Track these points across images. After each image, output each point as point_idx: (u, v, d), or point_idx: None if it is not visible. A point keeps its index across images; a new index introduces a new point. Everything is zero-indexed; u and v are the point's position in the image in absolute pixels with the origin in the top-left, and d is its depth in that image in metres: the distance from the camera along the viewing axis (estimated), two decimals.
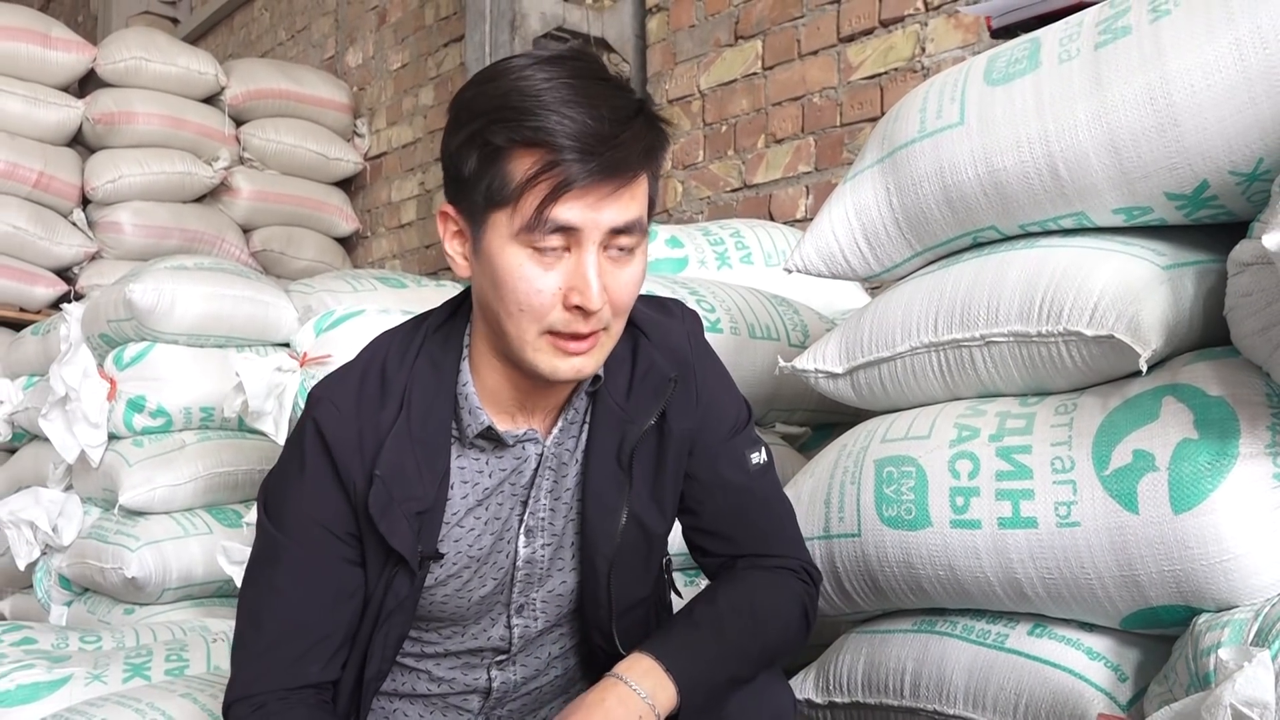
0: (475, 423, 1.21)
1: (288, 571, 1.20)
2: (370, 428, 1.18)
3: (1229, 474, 1.14)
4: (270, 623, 1.20)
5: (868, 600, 1.49)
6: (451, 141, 1.13)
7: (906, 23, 3.00)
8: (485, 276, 1.13)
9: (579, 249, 1.09)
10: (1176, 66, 1.20)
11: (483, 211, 1.10)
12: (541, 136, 1.05)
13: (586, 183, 1.06)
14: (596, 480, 1.25)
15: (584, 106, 1.07)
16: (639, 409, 1.25)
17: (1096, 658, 1.28)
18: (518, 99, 1.07)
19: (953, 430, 1.38)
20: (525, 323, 1.11)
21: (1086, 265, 1.29)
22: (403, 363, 1.21)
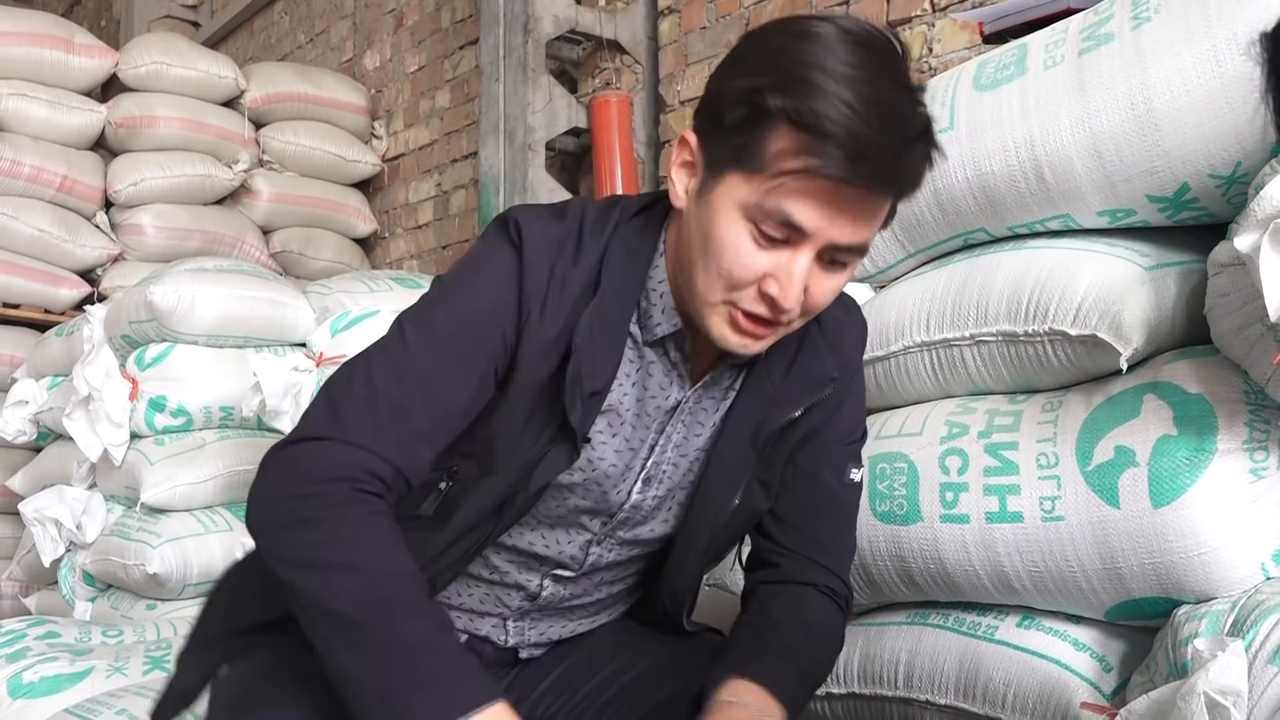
0: (668, 322, 1.17)
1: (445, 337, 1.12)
2: (562, 275, 1.13)
3: (1206, 469, 1.17)
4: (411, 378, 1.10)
5: (863, 594, 1.52)
6: (728, 79, 1.07)
7: (914, 24, 3.02)
8: (700, 225, 1.09)
9: (797, 248, 1.05)
10: (1157, 72, 1.24)
11: (725, 164, 1.06)
12: (817, 121, 0.98)
13: (838, 188, 1.01)
14: (727, 451, 1.23)
15: (875, 108, 0.99)
16: (790, 396, 1.23)
17: (1082, 649, 1.32)
18: (814, 73, 0.99)
19: (944, 427, 1.42)
20: (717, 285, 1.08)
21: (1071, 266, 1.33)
22: (599, 233, 1.15)
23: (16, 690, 1.96)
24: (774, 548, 1.30)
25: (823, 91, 0.98)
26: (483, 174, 3.95)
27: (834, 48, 1.00)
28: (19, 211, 4.26)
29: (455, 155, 4.86)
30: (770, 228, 1.04)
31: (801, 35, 1.02)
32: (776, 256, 1.05)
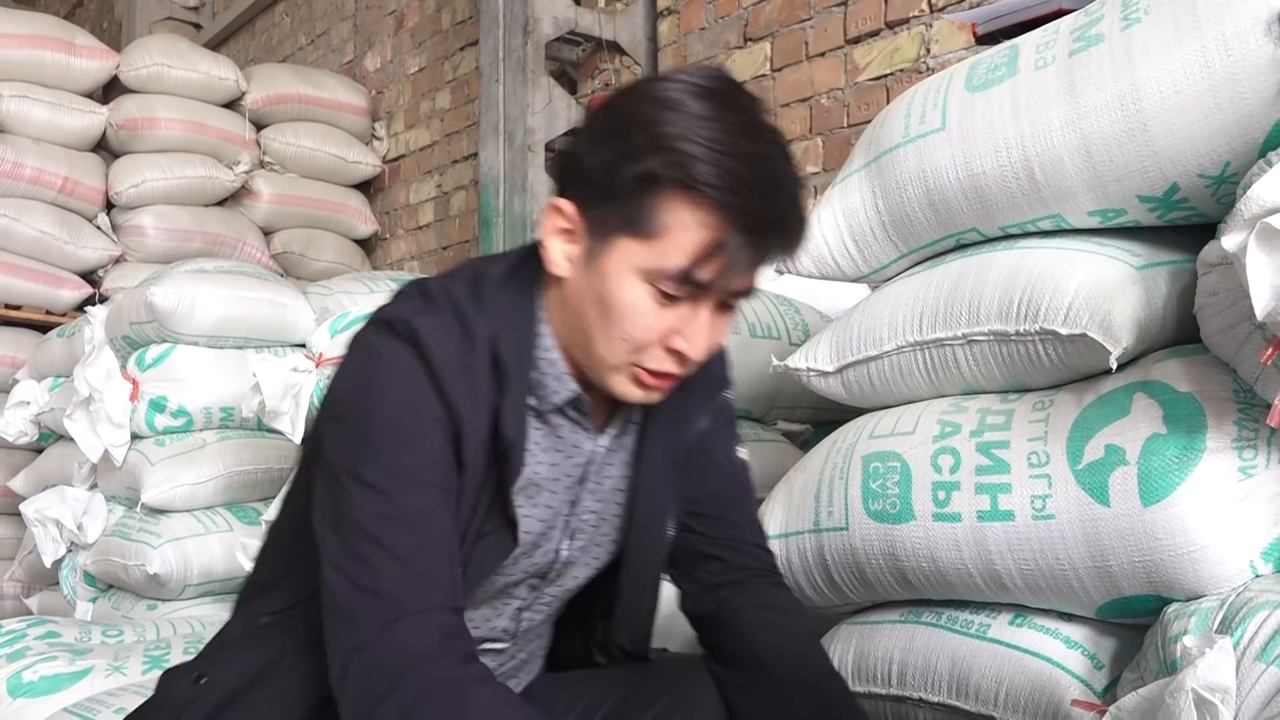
0: (564, 389, 1.17)
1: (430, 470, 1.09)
2: (469, 371, 1.10)
3: (1195, 468, 1.18)
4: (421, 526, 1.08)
5: (856, 592, 1.53)
6: (605, 150, 1.08)
7: (912, 24, 3.03)
8: (591, 291, 1.10)
9: (698, 302, 1.08)
10: (1146, 73, 1.24)
11: (614, 231, 1.07)
12: (718, 199, 1.03)
13: (744, 264, 1.06)
14: (650, 480, 1.25)
15: (766, 179, 1.05)
16: (694, 409, 1.26)
17: (1074, 646, 1.32)
18: (706, 151, 1.02)
19: (936, 426, 1.43)
20: (620, 349, 1.10)
21: (1063, 266, 1.33)
22: (482, 314, 1.13)
23: (16, 689, 1.97)
24: (700, 540, 1.33)
25: (719, 169, 1.02)
26: (482, 175, 3.96)
27: (710, 117, 1.04)
28: (20, 213, 4.28)
29: (455, 156, 4.87)
30: (670, 288, 1.06)
31: (674, 106, 1.05)
32: (678, 313, 1.08)
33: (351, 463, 1.09)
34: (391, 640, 1.03)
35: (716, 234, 1.04)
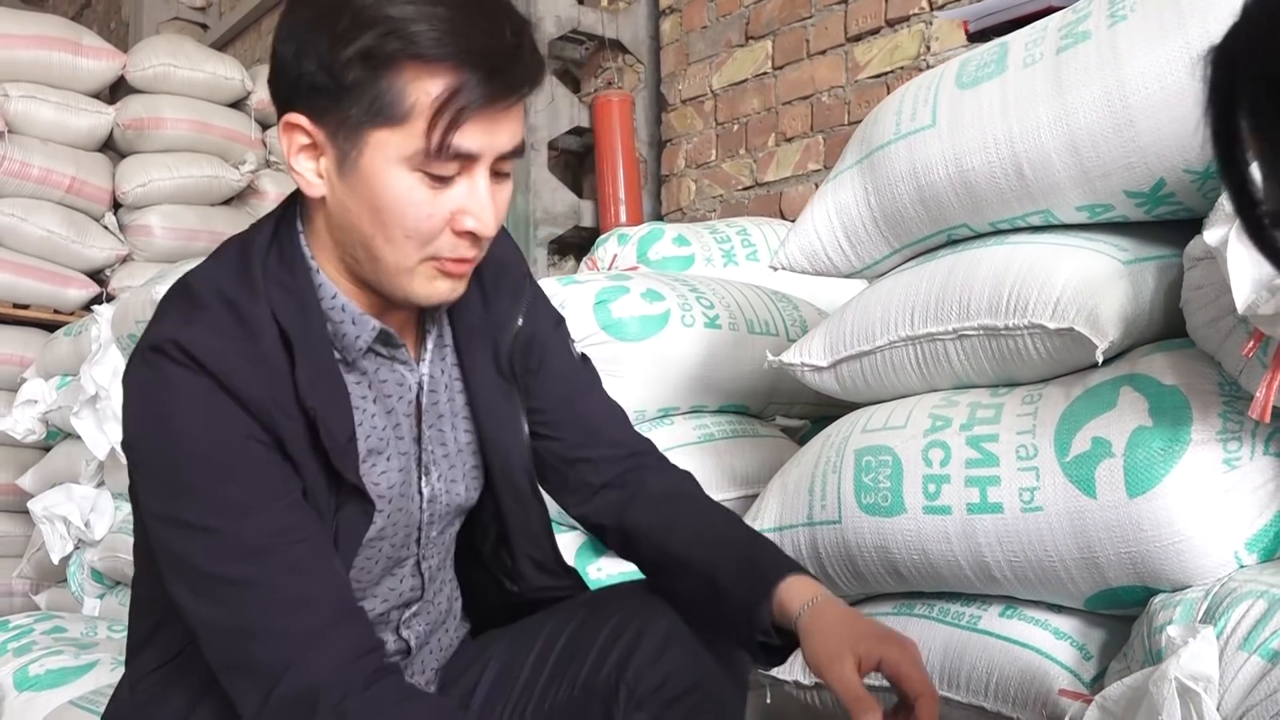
0: (364, 331, 1.12)
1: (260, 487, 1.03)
2: (259, 361, 1.05)
3: (1180, 460, 1.19)
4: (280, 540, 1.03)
5: (849, 585, 1.55)
6: (314, 43, 1.00)
7: (912, 22, 3.05)
8: (358, 199, 1.03)
9: (471, 174, 1.04)
10: (1132, 69, 1.25)
11: (360, 128, 1.01)
12: (445, 51, 0.98)
13: (488, 105, 1.00)
14: (486, 396, 1.22)
15: (481, 15, 1.00)
16: (504, 313, 1.22)
17: (1063, 637, 1.34)
18: (408, 8, 0.98)
19: (927, 420, 1.44)
20: (409, 249, 1.04)
21: (1051, 261, 1.35)
22: (254, 296, 1.07)
23: (22, 683, 2.00)
24: (561, 445, 1.29)
25: (429, 21, 0.98)
26: None
27: None
28: (28, 213, 4.30)
29: None
30: (440, 168, 1.02)
31: None
32: (455, 194, 1.03)
33: (173, 509, 1.03)
34: (289, 689, 0.98)
35: (456, 86, 0.99)
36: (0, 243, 4.29)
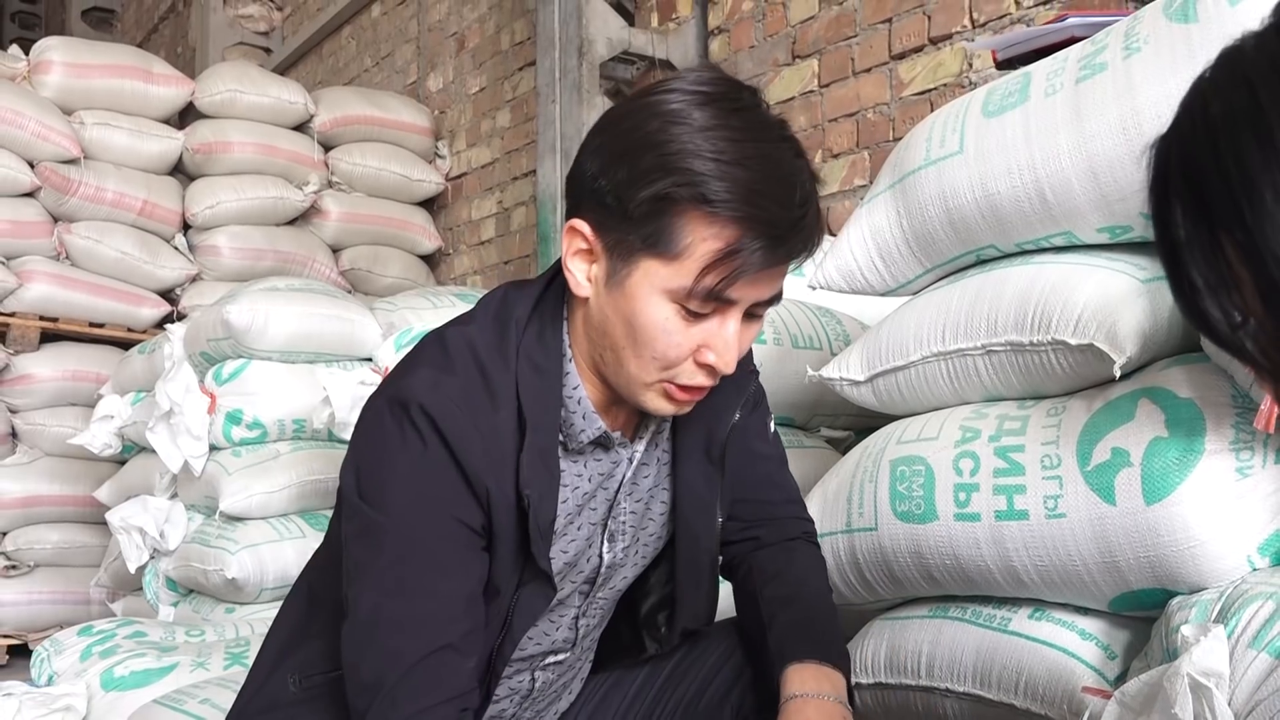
0: (590, 428, 1.20)
1: (440, 571, 1.13)
2: (491, 433, 1.13)
3: (1195, 468, 1.25)
4: (428, 626, 1.12)
5: (886, 589, 1.62)
6: (614, 170, 1.08)
7: (954, 40, 3.10)
8: (618, 312, 1.11)
9: (725, 315, 1.10)
10: (1146, 99, 1.32)
11: (635, 252, 1.08)
12: (734, 213, 1.04)
13: (764, 268, 1.07)
14: (690, 478, 1.30)
15: (778, 182, 1.06)
16: (724, 404, 1.28)
17: (1088, 638, 1.40)
18: (713, 165, 1.04)
19: (958, 432, 1.51)
20: (652, 368, 1.12)
21: (1073, 280, 1.41)
22: (505, 366, 1.16)
23: (109, 683, 2.12)
24: (745, 526, 1.40)
25: (727, 180, 1.03)
26: (540, 192, 4.08)
27: (712, 124, 1.05)
28: (103, 235, 4.49)
29: (515, 173, 5.01)
30: (697, 305, 1.08)
31: (677, 119, 1.06)
32: (706, 328, 1.10)
33: (365, 556, 1.14)
34: None
35: (736, 246, 1.05)
36: (77, 264, 4.47)
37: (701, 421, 1.29)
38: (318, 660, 1.28)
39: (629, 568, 1.35)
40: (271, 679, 1.32)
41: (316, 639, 1.29)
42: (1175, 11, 1.33)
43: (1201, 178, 0.57)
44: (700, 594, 1.37)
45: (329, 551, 1.31)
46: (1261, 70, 0.56)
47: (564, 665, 1.39)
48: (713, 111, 1.07)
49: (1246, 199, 0.53)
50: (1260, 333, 0.57)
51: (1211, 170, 0.56)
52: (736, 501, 1.40)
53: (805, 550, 1.42)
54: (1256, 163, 0.53)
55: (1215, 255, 0.57)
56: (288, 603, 1.39)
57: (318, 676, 1.28)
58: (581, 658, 1.42)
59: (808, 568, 1.39)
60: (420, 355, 1.20)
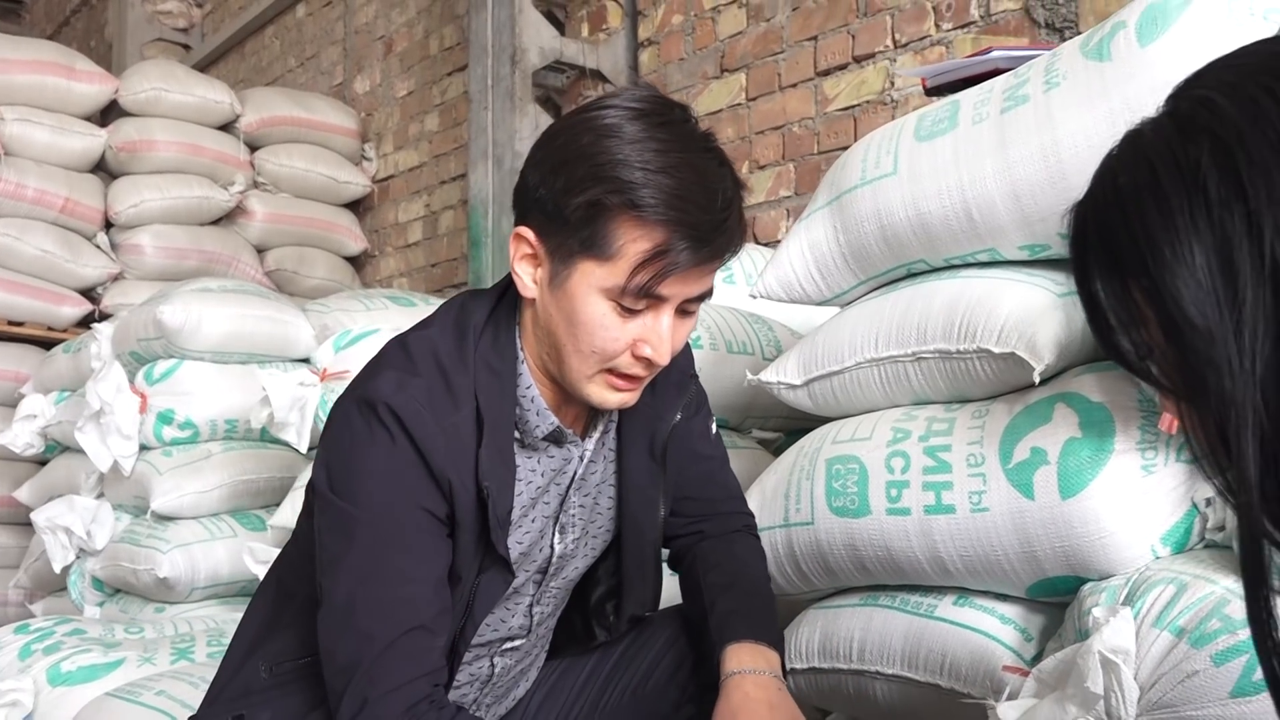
0: (544, 424, 1.30)
1: (410, 556, 1.21)
2: (452, 431, 1.22)
3: (1105, 466, 1.38)
4: (401, 608, 1.20)
5: (821, 580, 1.73)
6: (552, 182, 1.17)
7: (877, 59, 3.24)
8: (560, 311, 1.21)
9: (658, 310, 1.20)
10: (1064, 130, 1.45)
11: (574, 255, 1.18)
12: (661, 218, 1.13)
13: (690, 266, 1.17)
14: (635, 474, 1.40)
15: (700, 188, 1.15)
16: (666, 405, 1.39)
17: (1007, 622, 1.52)
18: (640, 173, 1.13)
19: (889, 432, 1.62)
20: (592, 361, 1.22)
21: (996, 293, 1.54)
22: (465, 369, 1.25)
23: (55, 679, 2.14)
24: (690, 521, 1.50)
25: (654, 187, 1.13)
26: (472, 197, 4.15)
27: (642, 138, 1.15)
28: (23, 232, 4.44)
29: (444, 177, 5.06)
30: (631, 302, 1.18)
31: (610, 132, 1.16)
32: (641, 323, 1.20)
33: (338, 546, 1.23)
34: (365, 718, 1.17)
35: (664, 247, 1.15)
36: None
37: (645, 422, 1.40)
38: (288, 649, 1.35)
39: (579, 559, 1.45)
40: (244, 668, 1.38)
41: (287, 629, 1.36)
42: (1091, 50, 1.46)
43: (1113, 237, 0.68)
44: (646, 583, 1.47)
45: (298, 547, 1.38)
46: (1159, 150, 0.68)
47: (520, 652, 1.47)
48: (642, 125, 1.17)
49: (1150, 253, 0.65)
50: (1163, 360, 0.68)
51: (1121, 231, 0.68)
52: (681, 499, 1.51)
53: (745, 541, 1.53)
54: (1156, 225, 0.64)
55: (1125, 298, 0.69)
56: (257, 597, 1.45)
57: (288, 664, 1.35)
58: (537, 645, 1.51)
59: (747, 557, 1.50)
60: (385, 359, 1.29)
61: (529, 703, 1.52)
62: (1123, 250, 0.68)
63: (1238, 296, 0.61)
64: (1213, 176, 0.64)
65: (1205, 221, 0.63)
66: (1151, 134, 0.71)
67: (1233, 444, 0.62)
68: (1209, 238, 0.63)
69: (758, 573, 1.49)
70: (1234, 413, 0.61)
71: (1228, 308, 0.62)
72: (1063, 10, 2.73)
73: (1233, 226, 0.62)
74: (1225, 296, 0.62)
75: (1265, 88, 0.65)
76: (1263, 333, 0.61)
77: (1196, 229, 0.64)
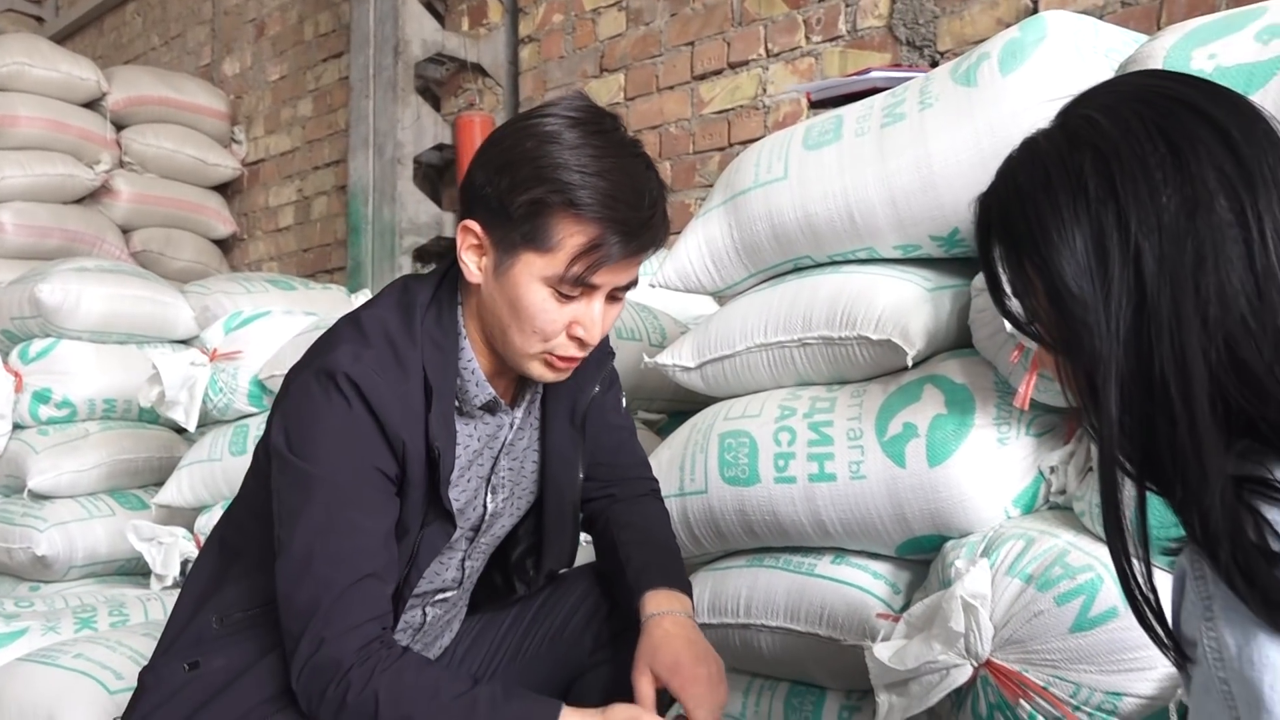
0: (482, 394, 1.43)
1: (363, 510, 1.32)
2: (404, 398, 1.34)
3: (967, 438, 1.59)
4: (355, 557, 1.31)
5: (712, 544, 1.90)
6: (498, 182, 1.30)
7: (750, 66, 3.44)
8: (504, 297, 1.34)
9: (591, 297, 1.34)
10: (935, 145, 1.65)
11: (517, 247, 1.31)
12: (596, 215, 1.27)
13: (621, 259, 1.31)
14: (557, 441, 1.54)
15: (630, 190, 1.29)
16: (586, 379, 1.53)
17: (879, 577, 1.72)
18: (578, 175, 1.27)
19: (777, 410, 1.81)
20: (533, 341, 1.35)
21: (874, 287, 1.73)
22: (412, 343, 1.37)
23: None
24: (602, 485, 1.65)
25: (590, 189, 1.27)
26: (352, 184, 4.20)
27: (579, 144, 1.29)
28: None
29: (317, 163, 5.08)
30: (568, 289, 1.32)
31: (551, 140, 1.29)
32: (575, 308, 1.34)
33: (297, 502, 1.33)
34: (320, 658, 1.28)
35: (598, 241, 1.28)
36: None
37: (567, 394, 1.55)
38: (239, 601, 1.45)
39: (507, 517, 1.59)
40: (195, 620, 1.47)
41: (236, 583, 1.46)
42: (960, 76, 1.67)
43: (1012, 223, 0.86)
44: (564, 539, 1.62)
45: (247, 507, 1.48)
46: (1051, 156, 0.86)
47: (449, 603, 1.61)
48: (579, 132, 1.31)
49: (1041, 236, 0.83)
50: (1046, 321, 0.86)
51: (1019, 219, 0.85)
52: (595, 465, 1.66)
53: (653, 504, 1.69)
54: (1047, 214, 0.82)
55: (1020, 271, 0.87)
56: (202, 557, 1.55)
57: (238, 614, 1.45)
58: (463, 597, 1.64)
59: (657, 517, 1.66)
60: (339, 334, 1.41)
61: (455, 651, 1.65)
62: (1019, 233, 0.85)
63: (1108, 274, 0.79)
64: (1093, 180, 0.82)
65: (1085, 214, 0.81)
66: (1045, 142, 0.89)
67: (1099, 390, 0.79)
68: (1087, 227, 0.81)
69: (666, 532, 1.65)
70: (1100, 365, 0.79)
71: (1099, 282, 0.79)
72: (923, 30, 2.97)
73: (1107, 219, 0.80)
74: (1098, 273, 0.80)
75: (1137, 112, 0.83)
76: (1126, 303, 0.78)
77: (1078, 219, 0.81)
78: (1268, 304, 0.76)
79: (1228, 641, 0.74)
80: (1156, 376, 0.77)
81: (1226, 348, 0.76)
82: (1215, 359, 0.76)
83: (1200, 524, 0.76)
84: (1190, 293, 0.77)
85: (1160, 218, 0.78)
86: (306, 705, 1.31)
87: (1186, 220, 0.78)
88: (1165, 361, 0.77)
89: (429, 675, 1.32)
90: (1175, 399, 0.76)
